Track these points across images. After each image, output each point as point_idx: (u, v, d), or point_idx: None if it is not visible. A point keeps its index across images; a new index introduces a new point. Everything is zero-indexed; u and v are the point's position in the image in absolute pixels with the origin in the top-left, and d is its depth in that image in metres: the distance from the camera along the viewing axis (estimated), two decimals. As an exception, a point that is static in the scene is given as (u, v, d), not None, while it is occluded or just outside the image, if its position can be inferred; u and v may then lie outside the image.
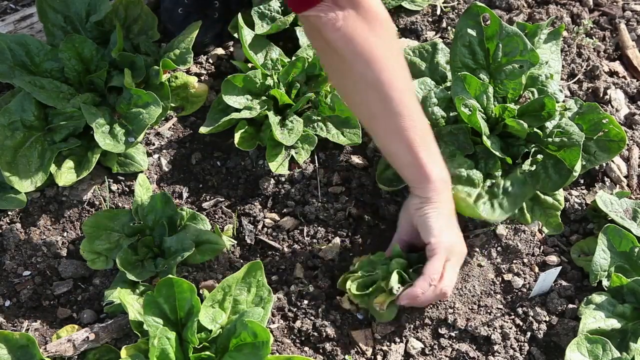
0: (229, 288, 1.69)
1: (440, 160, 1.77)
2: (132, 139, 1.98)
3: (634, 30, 2.47)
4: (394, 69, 1.69)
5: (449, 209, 1.77)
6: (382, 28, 1.66)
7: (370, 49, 1.64)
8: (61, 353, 1.69)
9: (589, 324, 1.70)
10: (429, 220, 1.72)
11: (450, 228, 1.76)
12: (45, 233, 1.98)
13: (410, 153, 1.72)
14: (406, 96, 1.71)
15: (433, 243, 1.71)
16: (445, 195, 1.76)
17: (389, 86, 1.67)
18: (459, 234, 1.79)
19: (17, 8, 2.53)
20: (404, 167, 1.78)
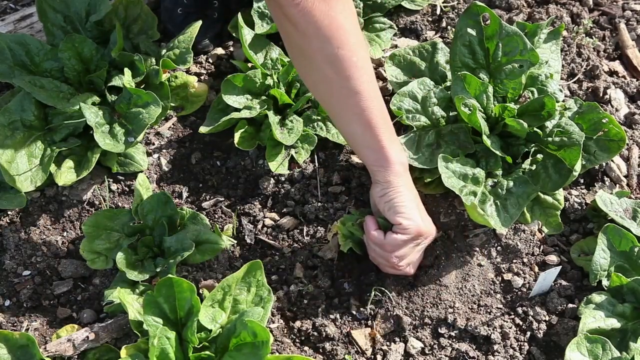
0: (229, 288, 1.70)
1: (398, 143, 1.78)
2: (131, 138, 1.98)
3: (634, 30, 2.47)
4: (354, 46, 1.66)
5: (411, 191, 1.78)
6: (341, 3, 1.64)
7: (329, 24, 1.62)
8: (61, 353, 1.69)
9: (589, 323, 1.70)
10: (396, 204, 1.73)
11: (419, 209, 1.77)
12: (45, 233, 1.98)
13: (370, 134, 1.71)
14: (365, 75, 1.69)
15: (405, 224, 1.72)
16: (406, 178, 1.77)
17: (348, 63, 1.66)
18: (427, 215, 1.80)
19: (17, 8, 2.53)
20: (363, 148, 1.77)
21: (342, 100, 1.72)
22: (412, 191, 1.79)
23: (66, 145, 2.01)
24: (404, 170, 1.77)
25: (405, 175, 1.77)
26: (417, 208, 1.76)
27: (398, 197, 1.73)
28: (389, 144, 1.73)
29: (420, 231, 1.74)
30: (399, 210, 1.73)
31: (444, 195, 1.99)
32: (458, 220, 1.97)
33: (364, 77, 1.69)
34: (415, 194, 1.79)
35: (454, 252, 1.93)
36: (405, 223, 1.72)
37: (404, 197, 1.74)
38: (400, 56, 2.17)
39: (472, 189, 1.86)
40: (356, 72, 1.67)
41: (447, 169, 1.86)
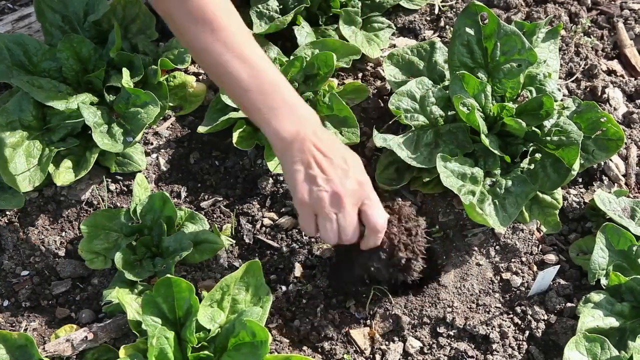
0: (228, 287, 1.70)
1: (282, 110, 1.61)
2: (130, 138, 1.98)
3: (632, 29, 2.47)
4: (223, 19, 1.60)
5: (301, 161, 1.59)
6: None
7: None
8: (60, 353, 1.69)
9: (588, 322, 1.70)
10: (288, 181, 1.63)
11: (306, 181, 1.59)
12: (44, 233, 1.98)
13: (255, 118, 1.63)
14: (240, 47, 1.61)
15: (294, 203, 1.63)
16: (291, 153, 1.60)
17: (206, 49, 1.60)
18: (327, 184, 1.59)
19: (15, 8, 2.52)
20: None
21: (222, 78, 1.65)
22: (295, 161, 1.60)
23: (64, 145, 2.01)
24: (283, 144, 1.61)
25: (287, 148, 1.60)
26: (290, 184, 1.62)
27: (286, 174, 1.62)
28: (268, 120, 1.60)
29: (306, 205, 1.60)
30: (290, 187, 1.63)
31: (442, 194, 1.99)
32: (457, 219, 1.97)
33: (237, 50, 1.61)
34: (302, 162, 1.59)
35: (452, 251, 1.93)
36: (294, 202, 1.63)
37: (290, 172, 1.60)
38: (398, 55, 2.17)
39: (470, 188, 1.86)
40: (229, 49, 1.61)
41: (446, 169, 1.86)
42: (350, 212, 1.60)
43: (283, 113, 1.61)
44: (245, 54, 1.61)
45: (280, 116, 1.61)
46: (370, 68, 2.32)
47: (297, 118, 1.62)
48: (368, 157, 2.10)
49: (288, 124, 1.61)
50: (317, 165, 1.59)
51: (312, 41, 2.21)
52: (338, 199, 1.58)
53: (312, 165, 1.59)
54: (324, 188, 1.58)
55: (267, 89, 1.61)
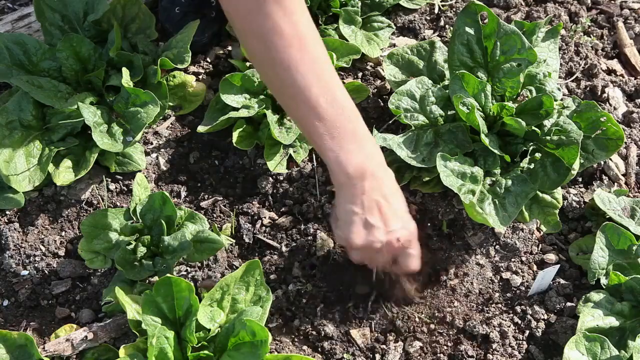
0: (228, 287, 1.70)
1: (353, 151, 1.57)
2: (130, 138, 1.98)
3: (632, 29, 2.47)
4: (298, 46, 1.50)
5: (361, 202, 1.59)
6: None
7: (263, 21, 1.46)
8: (59, 352, 1.69)
9: (587, 322, 1.70)
10: (342, 217, 1.64)
11: (358, 225, 1.60)
12: (44, 232, 1.98)
13: (319, 144, 1.58)
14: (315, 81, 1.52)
15: (341, 240, 1.68)
16: (353, 187, 1.59)
17: (289, 66, 1.50)
18: (379, 233, 1.61)
19: (15, 7, 2.52)
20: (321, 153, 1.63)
21: (291, 111, 1.64)
22: (356, 200, 1.60)
23: (64, 145, 2.01)
24: (348, 179, 1.59)
25: (351, 182, 1.59)
26: (344, 220, 1.62)
27: (338, 207, 1.64)
28: (334, 153, 1.57)
29: (351, 246, 1.64)
30: (336, 221, 1.66)
31: (442, 194, 1.99)
32: (456, 219, 1.97)
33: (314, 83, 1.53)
34: (361, 203, 1.60)
35: (452, 250, 1.93)
36: (339, 233, 1.66)
37: (343, 208, 1.62)
38: (398, 55, 2.17)
39: (470, 187, 1.86)
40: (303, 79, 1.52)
41: (446, 168, 1.86)
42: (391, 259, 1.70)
43: (351, 147, 1.57)
44: (325, 78, 1.55)
45: (348, 149, 1.57)
46: (370, 67, 2.32)
47: (365, 155, 1.58)
48: (368, 157, 2.10)
49: (355, 158, 1.57)
50: (379, 212, 1.60)
51: (311, 41, 2.20)
52: (390, 250, 1.65)
53: (373, 212, 1.60)
54: (381, 240, 1.61)
55: (341, 119, 1.56)
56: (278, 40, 1.49)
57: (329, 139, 1.56)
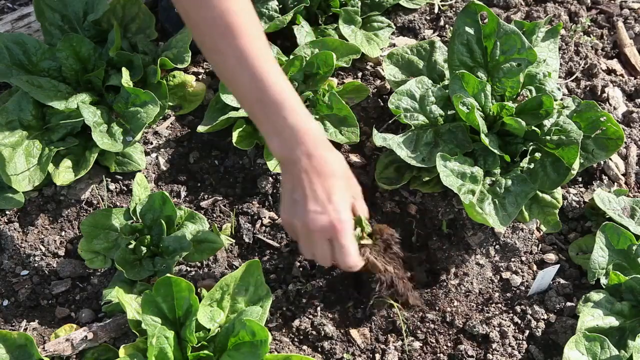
0: (227, 287, 1.70)
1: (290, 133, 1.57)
2: (130, 138, 1.98)
3: (632, 28, 2.47)
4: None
5: (291, 180, 1.58)
6: None
7: None
8: (59, 352, 1.69)
9: (587, 322, 1.70)
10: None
11: (288, 202, 1.60)
12: (43, 232, 1.98)
13: (260, 129, 1.62)
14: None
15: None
16: (287, 169, 1.59)
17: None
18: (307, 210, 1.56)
19: (15, 7, 2.52)
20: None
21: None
22: (285, 178, 1.60)
23: (64, 145, 2.01)
24: (281, 164, 1.61)
25: (283, 169, 1.60)
26: (287, 200, 1.60)
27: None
28: (268, 138, 1.59)
29: (286, 225, 1.63)
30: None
31: (442, 194, 1.99)
32: (456, 218, 1.97)
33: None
34: (293, 181, 1.57)
35: (452, 250, 1.93)
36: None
37: (282, 189, 1.60)
38: (398, 55, 2.17)
39: (470, 187, 1.86)
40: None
41: (446, 168, 1.86)
42: (320, 245, 1.59)
43: (282, 135, 1.57)
44: (256, 65, 1.56)
45: (279, 137, 1.58)
46: (370, 67, 2.32)
47: (295, 140, 1.57)
48: (368, 157, 2.10)
49: (283, 145, 1.58)
50: (305, 190, 1.56)
51: (311, 40, 2.21)
52: (310, 235, 1.58)
53: (297, 190, 1.57)
54: (300, 218, 1.57)
55: (271, 106, 1.57)
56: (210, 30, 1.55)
57: (264, 127, 1.59)
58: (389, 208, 2.00)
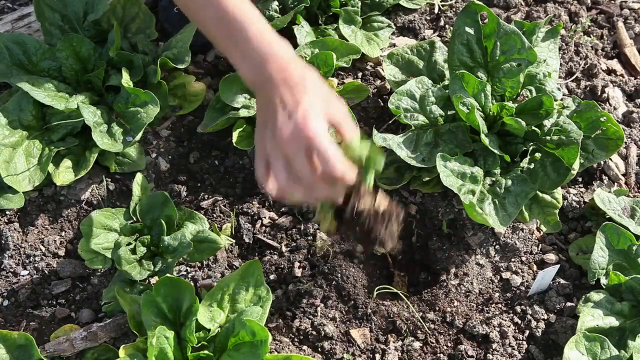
0: (228, 287, 1.70)
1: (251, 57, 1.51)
2: (130, 138, 1.98)
3: (632, 29, 2.47)
4: None
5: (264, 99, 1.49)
6: None
7: None
8: (60, 352, 1.69)
9: (587, 322, 1.70)
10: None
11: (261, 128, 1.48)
12: (44, 232, 1.98)
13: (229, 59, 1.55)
14: None
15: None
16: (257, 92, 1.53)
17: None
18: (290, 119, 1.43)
19: (15, 7, 2.52)
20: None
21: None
22: (263, 100, 1.50)
23: (64, 145, 2.01)
24: (252, 88, 1.56)
25: (259, 87, 1.51)
26: (258, 124, 1.50)
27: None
28: (236, 66, 1.54)
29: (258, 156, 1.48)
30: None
31: (442, 194, 1.99)
32: (456, 218, 1.97)
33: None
34: (263, 102, 1.49)
35: (452, 250, 1.93)
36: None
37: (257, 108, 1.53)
38: (398, 55, 2.17)
39: (470, 187, 1.86)
40: None
41: (446, 168, 1.86)
42: (298, 161, 1.40)
43: (250, 58, 1.50)
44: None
45: (247, 61, 1.51)
46: (370, 67, 2.32)
47: (264, 61, 1.49)
48: (368, 157, 2.10)
49: (252, 68, 1.51)
50: (272, 107, 1.45)
51: (311, 40, 2.21)
52: (280, 149, 1.42)
53: (267, 109, 1.47)
54: (269, 138, 1.43)
55: (236, 32, 1.51)
56: None
57: (231, 55, 1.54)
58: (389, 208, 2.00)
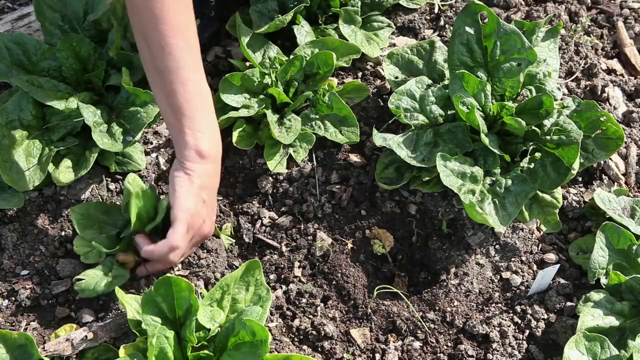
0: (228, 287, 1.70)
1: (208, 133, 1.76)
2: (130, 137, 1.98)
3: (632, 28, 2.47)
4: (165, 31, 1.67)
5: (204, 182, 1.75)
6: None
7: (146, 3, 1.64)
8: (59, 352, 1.69)
9: (587, 321, 1.70)
10: (176, 184, 1.73)
11: (197, 200, 1.74)
12: (43, 232, 1.98)
13: (172, 117, 1.73)
14: (173, 60, 1.69)
15: (175, 208, 1.71)
16: (202, 167, 1.75)
17: (158, 45, 1.67)
18: (207, 211, 1.79)
19: (15, 7, 2.52)
20: (169, 127, 1.80)
21: (152, 78, 1.76)
22: (205, 182, 1.76)
23: (64, 145, 2.01)
24: (203, 161, 1.74)
25: (204, 165, 1.75)
26: (194, 196, 1.73)
27: (182, 179, 1.73)
28: (189, 129, 1.72)
29: (189, 219, 1.72)
30: (176, 190, 1.73)
31: (442, 193, 1.99)
32: (456, 218, 1.97)
33: (179, 55, 1.70)
34: (205, 185, 1.76)
35: (452, 250, 1.93)
36: (175, 206, 1.71)
37: (189, 183, 1.73)
38: (398, 55, 2.17)
39: (470, 187, 1.86)
40: (163, 55, 1.69)
41: (446, 168, 1.86)
42: None
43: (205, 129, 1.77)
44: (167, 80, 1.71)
45: (209, 133, 1.78)
46: (370, 67, 2.32)
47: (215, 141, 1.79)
48: (367, 156, 2.10)
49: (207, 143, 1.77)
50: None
51: (311, 40, 2.21)
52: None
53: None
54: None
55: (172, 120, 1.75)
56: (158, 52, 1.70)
57: (185, 117, 1.72)
58: (389, 208, 2.00)
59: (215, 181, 1.82)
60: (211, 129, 1.78)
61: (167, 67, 1.69)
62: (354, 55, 2.21)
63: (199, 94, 1.75)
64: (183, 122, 1.72)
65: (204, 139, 1.74)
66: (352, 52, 2.21)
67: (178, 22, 1.69)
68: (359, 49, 2.22)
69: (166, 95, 1.72)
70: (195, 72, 1.75)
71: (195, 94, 1.74)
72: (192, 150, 1.73)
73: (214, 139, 1.78)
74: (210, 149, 1.76)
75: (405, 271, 1.97)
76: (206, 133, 1.75)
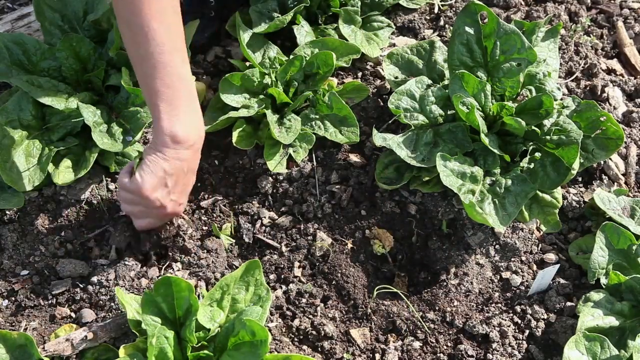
0: (227, 287, 1.70)
1: (186, 119, 1.76)
2: (129, 137, 1.98)
3: (632, 28, 2.47)
4: (147, 16, 1.68)
5: (173, 167, 1.75)
6: None
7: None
8: (59, 352, 1.69)
9: (587, 321, 1.70)
10: (143, 164, 1.74)
11: (159, 183, 1.75)
12: (43, 232, 1.98)
13: (150, 101, 1.74)
14: (161, 37, 1.70)
15: (137, 178, 1.74)
16: (174, 152, 1.75)
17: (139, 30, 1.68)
18: (171, 196, 1.79)
19: (15, 7, 2.52)
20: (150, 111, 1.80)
21: (134, 63, 1.76)
22: (174, 167, 1.76)
23: (64, 145, 2.01)
24: (173, 143, 1.74)
25: (173, 147, 1.74)
26: (158, 177, 1.74)
27: (150, 158, 1.74)
28: (165, 114, 1.72)
29: (142, 193, 1.74)
30: (142, 167, 1.74)
31: (442, 193, 1.99)
32: (456, 218, 1.97)
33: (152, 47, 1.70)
34: (173, 170, 1.76)
35: (452, 250, 1.93)
36: (138, 177, 1.74)
37: (155, 162, 1.74)
38: (398, 55, 2.17)
39: (470, 187, 1.86)
40: (144, 39, 1.69)
41: (446, 168, 1.86)
42: None
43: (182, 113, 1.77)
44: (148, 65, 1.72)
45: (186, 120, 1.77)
46: (369, 67, 2.32)
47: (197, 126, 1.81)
48: (367, 156, 2.10)
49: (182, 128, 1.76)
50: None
51: (311, 40, 2.21)
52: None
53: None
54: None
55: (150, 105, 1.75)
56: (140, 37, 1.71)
57: (163, 100, 1.73)
58: (389, 208, 2.00)
59: (188, 166, 1.80)
60: (190, 114, 1.77)
61: (148, 51, 1.70)
62: (353, 55, 2.21)
63: (178, 79, 1.74)
64: (160, 107, 1.72)
65: (179, 124, 1.74)
66: (352, 52, 2.21)
67: (160, 7, 1.69)
68: (358, 49, 2.22)
69: (146, 79, 1.73)
70: (176, 57, 1.74)
71: (175, 79, 1.74)
72: (166, 135, 1.73)
73: (192, 125, 1.77)
74: (187, 134, 1.75)
75: (405, 271, 1.97)
76: (183, 118, 1.75)
